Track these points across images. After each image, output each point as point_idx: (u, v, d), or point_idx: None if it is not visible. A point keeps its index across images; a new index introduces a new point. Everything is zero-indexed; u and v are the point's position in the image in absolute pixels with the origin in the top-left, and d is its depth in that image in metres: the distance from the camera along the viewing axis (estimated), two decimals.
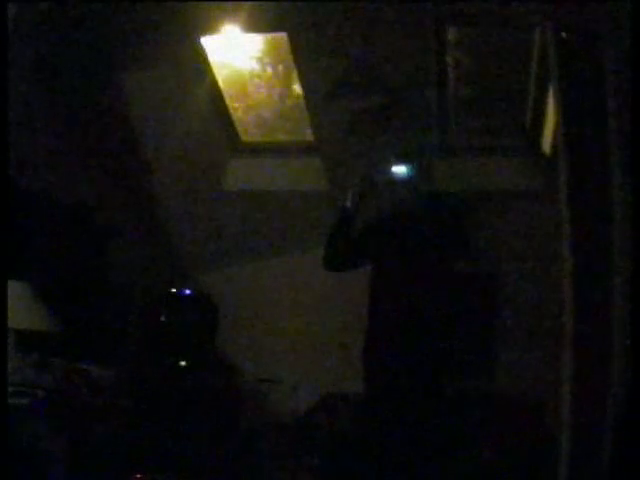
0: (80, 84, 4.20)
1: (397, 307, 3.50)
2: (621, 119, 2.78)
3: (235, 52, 4.43)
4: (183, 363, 4.22)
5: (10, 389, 3.20)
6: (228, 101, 4.59)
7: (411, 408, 3.41)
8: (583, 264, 2.91)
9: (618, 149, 2.83)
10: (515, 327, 4.29)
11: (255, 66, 4.52)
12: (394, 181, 3.61)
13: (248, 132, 4.77)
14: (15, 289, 3.32)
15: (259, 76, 4.57)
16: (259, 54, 4.46)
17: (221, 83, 4.50)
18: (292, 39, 4.10)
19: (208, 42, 4.25)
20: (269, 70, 4.53)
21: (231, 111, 4.64)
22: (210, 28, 4.08)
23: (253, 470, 4.15)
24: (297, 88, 4.49)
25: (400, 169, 3.60)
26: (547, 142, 4.24)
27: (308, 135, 4.64)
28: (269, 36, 4.32)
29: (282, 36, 4.17)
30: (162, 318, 4.34)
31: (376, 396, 3.51)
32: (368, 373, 3.55)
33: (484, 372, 4.32)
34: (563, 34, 2.93)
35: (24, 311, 3.50)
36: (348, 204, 3.63)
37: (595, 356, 2.86)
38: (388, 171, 3.62)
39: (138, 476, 3.45)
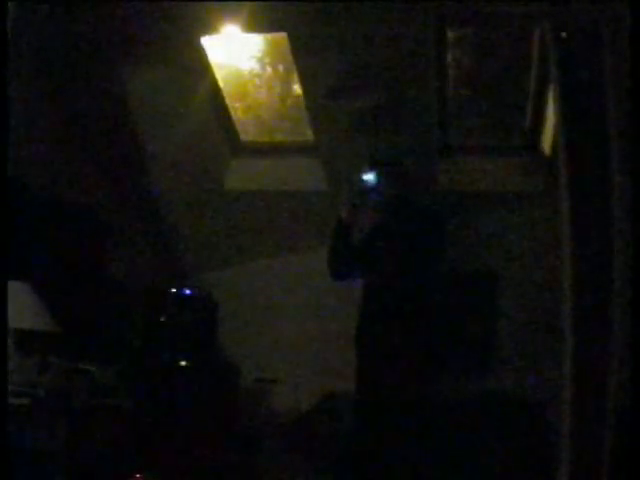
0: (80, 84, 4.21)
1: (392, 309, 3.49)
2: (621, 119, 2.79)
3: (235, 52, 4.43)
4: (183, 363, 4.22)
5: (10, 389, 3.20)
6: (228, 101, 4.60)
7: (409, 409, 3.41)
8: (583, 264, 2.91)
9: (618, 149, 2.83)
10: (515, 327, 4.29)
11: (255, 66, 4.52)
12: (380, 186, 3.55)
13: (248, 132, 4.78)
14: (15, 289, 3.32)
15: (259, 76, 4.57)
16: (259, 54, 4.46)
17: (221, 83, 4.50)
18: (292, 39, 4.10)
19: (208, 42, 4.25)
20: (269, 70, 4.53)
21: (231, 111, 4.64)
22: (210, 28, 4.09)
23: (253, 470, 4.15)
24: (297, 88, 4.49)
25: (379, 175, 3.54)
26: (547, 142, 4.24)
27: (308, 135, 4.64)
28: (269, 36, 4.32)
29: (282, 36, 4.17)
30: (162, 318, 4.34)
31: (373, 398, 3.51)
32: (362, 376, 3.55)
33: (483, 372, 4.32)
34: (563, 34, 2.93)
35: (24, 311, 3.50)
36: (343, 214, 3.59)
37: (595, 356, 2.86)
38: (372, 177, 3.56)
39: (138, 476, 3.45)
